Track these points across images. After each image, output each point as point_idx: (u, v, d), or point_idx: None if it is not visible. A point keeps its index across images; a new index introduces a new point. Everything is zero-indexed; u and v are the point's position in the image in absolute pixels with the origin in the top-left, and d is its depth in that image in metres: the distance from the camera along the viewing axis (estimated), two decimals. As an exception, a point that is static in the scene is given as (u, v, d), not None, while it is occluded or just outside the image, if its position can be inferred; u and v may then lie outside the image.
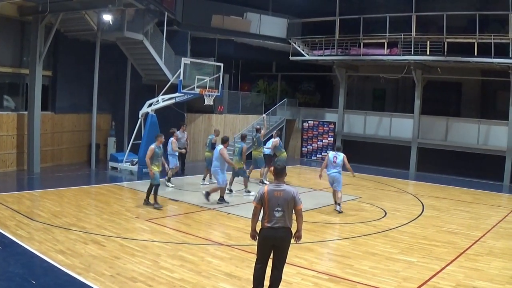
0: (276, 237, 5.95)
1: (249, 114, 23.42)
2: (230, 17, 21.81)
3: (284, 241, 6.01)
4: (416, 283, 7.10)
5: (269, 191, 5.97)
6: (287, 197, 5.94)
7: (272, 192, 5.95)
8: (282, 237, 5.97)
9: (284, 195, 5.94)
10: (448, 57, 18.71)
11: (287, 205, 5.93)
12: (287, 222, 5.94)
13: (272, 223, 5.92)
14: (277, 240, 5.98)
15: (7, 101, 16.44)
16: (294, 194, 5.99)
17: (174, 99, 16.92)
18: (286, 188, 6.01)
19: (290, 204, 5.95)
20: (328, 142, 23.35)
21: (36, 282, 6.51)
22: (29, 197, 12.26)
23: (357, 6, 22.85)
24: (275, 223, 5.91)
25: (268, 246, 6.05)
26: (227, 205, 12.09)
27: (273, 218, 5.92)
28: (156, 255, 7.94)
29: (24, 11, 15.58)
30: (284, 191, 5.96)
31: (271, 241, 6.00)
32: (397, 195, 15.19)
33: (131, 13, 17.06)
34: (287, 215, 5.95)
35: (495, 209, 13.36)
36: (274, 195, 5.93)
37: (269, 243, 6.02)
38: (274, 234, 5.94)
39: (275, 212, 5.90)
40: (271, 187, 6.02)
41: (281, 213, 5.90)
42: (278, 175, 6.14)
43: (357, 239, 9.56)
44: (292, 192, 6.00)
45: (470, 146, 19.26)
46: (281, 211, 5.90)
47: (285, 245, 6.05)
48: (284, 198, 5.93)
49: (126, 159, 17.14)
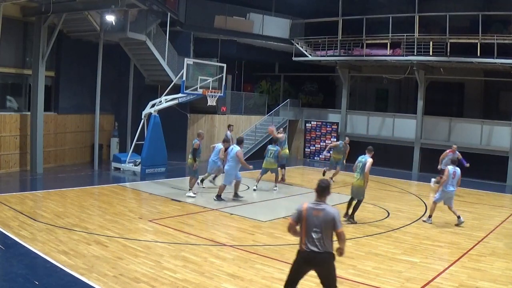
0: (313, 263, 5.42)
1: (252, 114, 23.45)
2: (233, 17, 21.83)
3: (323, 266, 5.43)
4: (419, 284, 7.08)
5: (308, 209, 5.42)
6: (326, 218, 5.33)
7: (311, 210, 5.40)
8: (320, 263, 5.41)
9: (324, 216, 5.34)
10: (451, 57, 18.68)
11: (325, 227, 5.34)
12: (326, 246, 5.34)
13: (309, 245, 5.36)
14: (315, 267, 5.44)
15: (10, 101, 16.48)
16: (335, 216, 5.36)
17: (177, 99, 16.94)
18: (326, 208, 5.40)
19: (329, 225, 5.34)
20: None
21: (39, 282, 6.51)
22: (32, 197, 12.29)
23: (360, 6, 22.85)
24: (312, 245, 5.34)
25: (302, 271, 5.55)
26: (224, 203, 12.21)
27: (310, 239, 5.36)
28: (159, 255, 7.94)
29: (27, 11, 15.62)
30: (324, 211, 5.37)
31: (308, 266, 5.49)
32: (400, 196, 15.16)
33: (134, 14, 17.10)
34: (325, 237, 5.34)
35: (498, 210, 13.33)
36: (313, 214, 5.37)
37: (305, 268, 5.53)
38: (311, 259, 5.40)
39: (313, 233, 5.34)
40: (311, 205, 5.46)
41: (319, 235, 5.32)
42: (320, 193, 5.52)
43: (360, 239, 9.55)
44: (332, 213, 5.37)
45: (473, 147, 19.21)
46: (319, 232, 5.32)
47: (325, 269, 5.46)
48: (323, 219, 5.33)
49: (129, 159, 17.16)
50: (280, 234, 9.67)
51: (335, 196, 14.31)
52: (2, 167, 15.42)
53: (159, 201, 12.45)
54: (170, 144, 17.64)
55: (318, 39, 22.54)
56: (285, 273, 7.32)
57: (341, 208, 12.57)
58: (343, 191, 15.46)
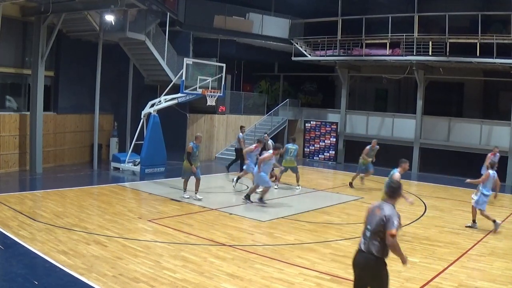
0: (355, 263, 5.14)
1: (251, 114, 23.48)
2: (232, 17, 21.84)
3: (364, 270, 5.03)
4: (418, 284, 7.08)
5: (371, 206, 5.21)
6: (380, 216, 4.95)
7: (374, 208, 5.13)
8: (361, 264, 5.05)
9: (379, 214, 4.97)
10: (450, 57, 18.69)
11: (376, 226, 4.94)
12: (370, 247, 4.94)
13: (360, 244, 5.10)
14: (357, 268, 5.12)
15: (10, 101, 16.47)
16: (386, 214, 4.89)
17: (176, 99, 16.93)
18: (385, 208, 5.00)
19: (378, 225, 4.92)
20: (331, 143, 23.34)
21: (39, 282, 6.51)
22: (32, 197, 12.28)
23: (360, 6, 22.84)
24: (361, 244, 5.08)
25: (355, 274, 5.17)
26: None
27: (362, 238, 5.11)
28: (158, 255, 7.94)
29: (26, 11, 15.61)
30: (382, 210, 4.99)
31: (356, 268, 5.15)
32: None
33: (134, 14, 17.09)
34: (373, 238, 4.95)
35: (498, 210, 13.31)
36: (373, 212, 5.09)
37: (357, 273, 5.15)
38: (355, 259, 5.13)
39: (366, 231, 5.08)
40: (376, 203, 5.22)
41: (368, 233, 5.02)
42: (389, 194, 5.21)
43: (359, 239, 9.53)
44: (385, 212, 4.93)
45: (472, 147, 19.23)
46: (369, 231, 5.01)
47: (366, 275, 5.01)
48: (377, 217, 4.98)
49: (129, 159, 17.15)
50: (280, 234, 9.67)
51: (335, 196, 14.35)
52: (2, 167, 15.41)
53: (158, 201, 12.45)
54: (170, 144, 17.62)
55: (317, 39, 22.55)
56: (285, 273, 7.37)
57: (341, 208, 12.61)
58: (343, 190, 15.50)
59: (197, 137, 13.06)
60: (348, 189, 15.60)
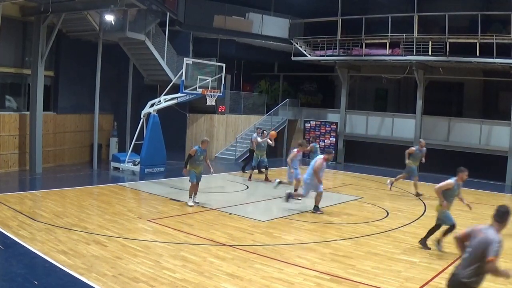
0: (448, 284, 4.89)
1: (251, 114, 23.47)
2: (232, 17, 21.84)
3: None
4: (418, 283, 7.08)
5: (475, 229, 4.87)
6: (481, 241, 4.65)
7: (477, 232, 4.80)
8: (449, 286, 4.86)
9: (482, 237, 4.68)
10: (450, 57, 18.69)
11: (475, 249, 4.68)
12: (463, 271, 4.70)
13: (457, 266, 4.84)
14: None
15: (9, 101, 16.46)
16: (492, 241, 4.57)
17: (176, 99, 16.94)
18: (490, 231, 4.69)
19: (479, 249, 4.64)
20: (330, 143, 23.33)
21: (38, 282, 6.51)
22: (31, 197, 12.28)
23: (359, 6, 22.85)
24: (458, 266, 4.83)
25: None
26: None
27: (461, 259, 4.87)
28: (158, 255, 7.94)
29: (26, 11, 15.62)
30: (486, 233, 4.68)
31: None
32: (399, 196, 15.16)
33: (133, 14, 17.10)
34: (470, 261, 4.69)
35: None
36: (475, 235, 4.79)
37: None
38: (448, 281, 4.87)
39: (466, 252, 4.83)
40: (480, 226, 4.90)
41: (466, 255, 4.78)
42: (497, 218, 4.85)
43: (359, 239, 9.55)
44: (491, 238, 4.60)
45: (472, 147, 19.22)
46: (468, 253, 4.78)
47: None
48: (479, 240, 4.68)
49: (128, 159, 17.16)
50: (279, 234, 9.68)
51: (335, 196, 14.34)
52: (1, 167, 15.41)
53: (158, 201, 12.45)
54: (169, 144, 17.63)
55: (317, 39, 22.55)
56: (284, 272, 7.37)
57: (341, 208, 12.61)
58: (342, 191, 15.51)
59: (204, 141, 12.04)
60: (347, 189, 15.61)
